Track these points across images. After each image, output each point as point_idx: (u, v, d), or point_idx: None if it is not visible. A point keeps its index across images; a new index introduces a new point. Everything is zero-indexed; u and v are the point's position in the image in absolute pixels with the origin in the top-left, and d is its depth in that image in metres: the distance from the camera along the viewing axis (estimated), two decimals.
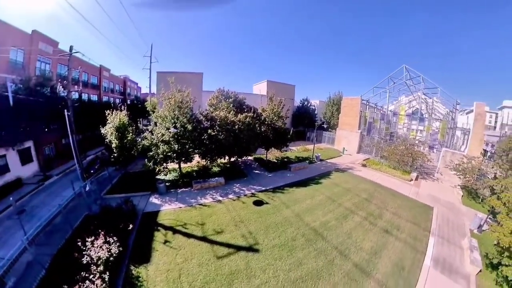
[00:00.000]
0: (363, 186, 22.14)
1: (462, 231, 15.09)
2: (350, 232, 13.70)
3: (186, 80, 24.22)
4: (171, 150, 17.44)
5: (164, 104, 18.35)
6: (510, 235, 9.70)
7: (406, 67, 34.32)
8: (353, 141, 38.87)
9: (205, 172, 21.70)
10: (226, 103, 22.00)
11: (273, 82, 44.77)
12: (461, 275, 11.00)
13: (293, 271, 10.23)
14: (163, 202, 16.01)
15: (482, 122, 30.51)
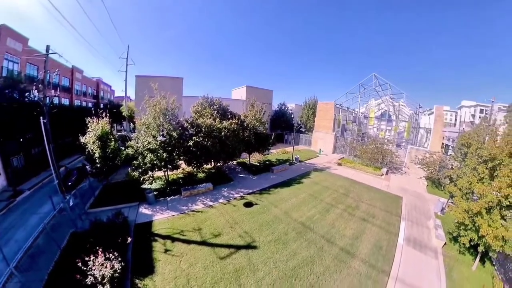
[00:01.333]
0: (340, 183, 24.41)
1: (428, 214, 17.77)
2: (333, 223, 15.50)
3: (166, 85, 24.37)
4: (158, 158, 17.35)
5: (149, 111, 18.17)
6: (463, 212, 11.88)
7: (376, 75, 38.41)
8: (328, 142, 41.65)
9: (191, 178, 21.95)
10: (210, 110, 22.42)
11: (252, 88, 46.13)
12: (429, 248, 13.37)
13: (290, 260, 11.49)
14: (154, 212, 15.88)
15: (441, 122, 35.18)
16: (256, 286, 9.68)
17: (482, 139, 16.46)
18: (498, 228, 10.23)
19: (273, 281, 10.01)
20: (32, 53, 21.66)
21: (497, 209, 10.78)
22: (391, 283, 10.48)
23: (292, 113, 57.92)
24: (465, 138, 19.44)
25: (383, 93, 40.99)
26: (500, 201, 10.62)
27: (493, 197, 10.79)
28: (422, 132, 42.88)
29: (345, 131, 44.36)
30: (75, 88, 39.07)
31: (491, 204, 10.83)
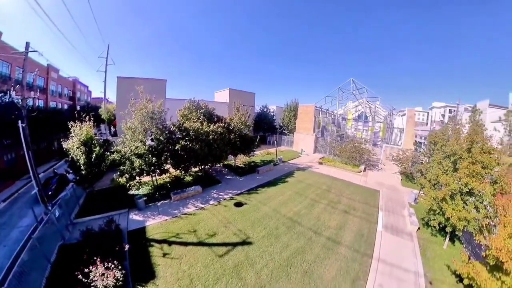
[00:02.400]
0: (322, 180, 26.21)
1: (403, 204, 19.99)
2: (318, 216, 17.00)
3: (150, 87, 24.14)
4: (146, 163, 17.35)
5: (135, 115, 17.98)
6: (432, 200, 13.93)
7: (353, 80, 41.46)
8: (309, 142, 43.81)
9: (178, 182, 22.13)
10: (196, 113, 22.76)
11: (235, 90, 46.98)
12: (405, 233, 15.40)
13: (284, 252, 12.58)
14: (145, 218, 15.83)
15: (412, 122, 38.74)
16: (256, 277, 10.58)
17: (447, 137, 18.55)
18: (460, 210, 12.19)
19: (271, 271, 10.99)
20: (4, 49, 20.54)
21: (459, 196, 12.81)
22: (374, 263, 12.07)
23: (274, 115, 59.64)
24: (432, 137, 21.72)
25: (360, 96, 44.31)
26: (461, 189, 12.69)
27: (455, 185, 12.80)
28: (396, 132, 46.79)
29: (325, 132, 46.93)
30: (50, 88, 36.71)
31: (453, 191, 12.85)
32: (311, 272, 11.12)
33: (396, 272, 11.51)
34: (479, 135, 13.80)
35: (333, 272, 11.19)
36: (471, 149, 13.28)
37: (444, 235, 14.52)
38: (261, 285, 10.10)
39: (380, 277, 11.13)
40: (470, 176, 12.35)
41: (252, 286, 10.02)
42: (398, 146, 36.33)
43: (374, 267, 11.76)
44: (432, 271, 11.78)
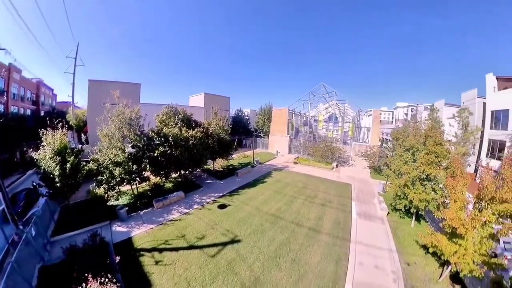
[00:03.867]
0: (298, 178, 27.84)
1: (373, 194, 22.26)
2: (298, 210, 18.33)
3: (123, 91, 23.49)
4: (126, 171, 16.97)
5: (112, 121, 17.46)
6: (396, 187, 16.05)
7: (323, 84, 44.58)
8: (284, 144, 45.61)
9: (158, 190, 21.86)
10: (174, 119, 22.61)
11: (210, 95, 47.17)
12: (377, 218, 17.43)
13: (271, 245, 13.48)
14: (130, 228, 15.42)
15: (378, 122, 43.18)
16: (250, 271, 11.30)
17: (407, 133, 20.99)
18: (420, 193, 14.39)
19: (262, 264, 11.80)
20: None
21: (418, 181, 15.05)
22: (353, 245, 13.64)
23: (248, 119, 60.77)
24: (395, 134, 24.32)
25: (330, 99, 47.58)
26: (420, 175, 14.95)
27: (415, 173, 15.03)
28: (364, 130, 51.05)
29: (298, 134, 49.56)
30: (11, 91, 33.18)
31: (413, 178, 15.10)
32: (299, 259, 12.18)
33: (373, 251, 13.16)
34: (432, 130, 16.14)
35: (318, 257, 12.41)
36: (426, 142, 15.58)
37: (410, 216, 16.77)
38: (256, 277, 10.85)
39: (359, 256, 12.65)
40: (426, 165, 14.63)
41: (248, 279, 10.73)
42: (366, 143, 40.12)
43: (353, 249, 13.28)
44: (403, 247, 13.68)
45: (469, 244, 9.28)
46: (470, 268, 8.88)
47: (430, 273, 11.66)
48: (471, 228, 9.20)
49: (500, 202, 8.62)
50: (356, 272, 11.41)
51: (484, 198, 9.28)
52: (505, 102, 24.14)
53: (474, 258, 8.97)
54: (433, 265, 12.16)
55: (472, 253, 9.10)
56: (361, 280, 10.90)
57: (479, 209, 9.50)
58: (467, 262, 8.99)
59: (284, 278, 10.79)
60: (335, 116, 52.37)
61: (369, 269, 11.72)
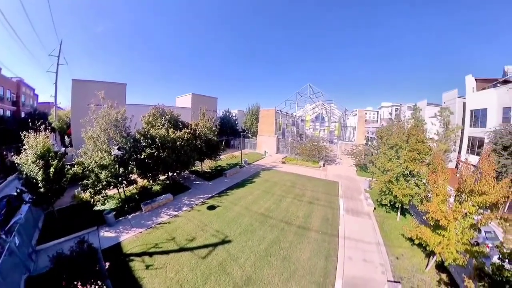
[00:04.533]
0: (286, 177, 28.15)
1: (359, 191, 22.83)
2: (287, 209, 18.57)
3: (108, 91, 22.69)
4: (113, 174, 16.48)
5: (97, 122, 16.87)
6: (381, 183, 16.60)
7: (310, 85, 45.45)
8: (272, 144, 45.91)
9: (146, 192, 21.42)
10: (161, 120, 22.17)
11: (198, 95, 46.44)
12: (363, 213, 17.97)
13: (262, 244, 13.55)
14: (118, 233, 15.00)
15: (363, 121, 44.85)
16: (242, 270, 11.31)
17: (391, 132, 21.67)
18: (404, 189, 14.99)
19: (253, 263, 11.84)
20: None
21: (402, 177, 15.65)
22: (341, 241, 13.97)
23: (236, 119, 60.68)
24: (379, 132, 25.05)
25: (317, 99, 48.65)
26: (403, 172, 15.59)
27: (398, 169, 15.63)
28: (350, 130, 52.29)
29: (285, 133, 50.08)
30: None
31: (397, 174, 15.69)
32: (289, 257, 12.31)
33: (361, 246, 13.53)
34: (415, 129, 16.83)
35: (308, 254, 12.60)
36: (409, 140, 16.19)
37: (395, 210, 17.45)
38: (248, 276, 10.87)
39: (348, 251, 12.97)
40: (409, 161, 15.30)
41: (240, 279, 10.73)
42: (352, 142, 41.16)
43: (342, 244, 13.60)
44: (390, 240, 14.22)
45: (452, 235, 9.75)
46: (454, 257, 9.39)
47: (417, 263, 12.18)
48: (453, 219, 9.67)
49: (479, 194, 9.16)
50: (345, 266, 11.69)
51: (464, 191, 9.78)
52: (483, 102, 25.58)
53: (457, 247, 9.48)
54: (419, 256, 12.71)
55: (455, 243, 9.57)
56: (351, 274, 11.17)
57: (460, 202, 10.01)
58: (451, 251, 9.48)
59: (276, 276, 10.88)
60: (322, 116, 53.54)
61: (358, 263, 12.03)
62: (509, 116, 21.78)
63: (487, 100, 25.05)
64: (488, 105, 24.85)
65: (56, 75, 32.76)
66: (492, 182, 9.01)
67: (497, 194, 8.71)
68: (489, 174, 9.14)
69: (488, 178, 9.09)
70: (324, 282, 10.65)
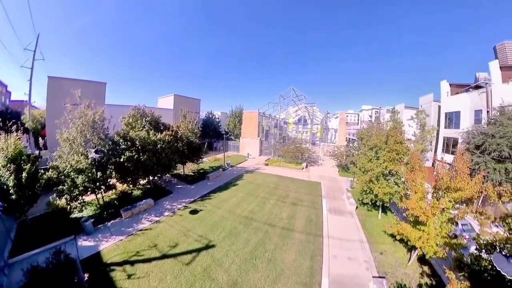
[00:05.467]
0: (270, 179, 28.23)
1: (341, 191, 23.41)
2: (271, 211, 18.55)
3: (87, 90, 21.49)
4: (90, 179, 15.61)
5: (73, 123, 15.92)
6: (362, 183, 17.11)
7: (293, 88, 46.44)
8: (255, 146, 46.04)
9: (126, 198, 20.45)
10: (141, 121, 21.45)
11: (180, 96, 45.58)
12: (346, 212, 18.42)
13: (246, 247, 13.39)
14: (97, 242, 14.18)
15: (344, 124, 46.20)
16: (227, 275, 11.07)
17: (370, 134, 22.44)
18: (384, 187, 15.53)
19: (239, 267, 11.64)
20: None
21: (382, 177, 16.18)
22: (326, 240, 14.17)
23: (219, 121, 60.24)
24: (360, 134, 25.87)
25: (300, 102, 49.64)
26: (383, 171, 16.12)
27: (378, 169, 16.15)
28: (332, 132, 53.72)
29: (268, 136, 50.55)
30: None
31: (378, 174, 16.21)
32: (274, 259, 12.25)
33: (345, 244, 13.79)
34: (393, 131, 17.52)
35: (293, 255, 12.61)
36: (388, 141, 16.78)
37: (377, 208, 17.99)
38: (233, 281, 10.67)
39: (333, 250, 13.16)
40: (388, 161, 15.91)
41: (226, 284, 10.50)
42: (333, 144, 42.30)
43: (326, 243, 13.78)
44: (373, 238, 14.68)
45: (431, 229, 10.22)
46: (434, 250, 9.91)
47: (400, 258, 12.66)
48: (431, 215, 10.14)
49: (455, 191, 9.68)
50: (331, 265, 11.83)
51: (441, 188, 10.32)
52: (457, 105, 27.81)
53: (437, 241, 9.99)
54: (401, 251, 13.22)
55: (435, 237, 10.07)
56: (336, 272, 11.32)
57: (437, 198, 10.51)
58: (431, 245, 9.98)
59: (262, 279, 10.76)
60: (304, 119, 54.44)
61: (343, 261, 12.24)
62: (480, 118, 23.60)
63: (461, 104, 27.18)
64: (461, 108, 26.94)
65: (32, 71, 30.24)
66: (467, 179, 9.59)
67: (472, 190, 9.26)
68: (463, 172, 9.72)
69: (463, 175, 9.65)
70: (311, 282, 10.69)
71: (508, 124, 17.85)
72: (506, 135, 17.40)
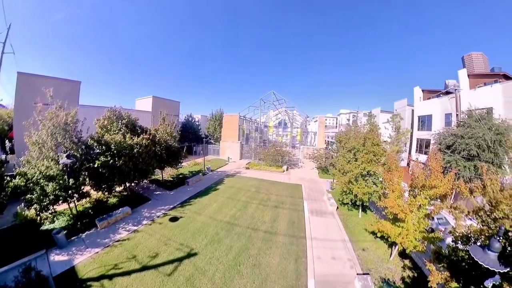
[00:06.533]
0: (251, 183, 28.09)
1: (322, 192, 23.94)
2: (253, 215, 18.41)
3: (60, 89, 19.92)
4: (61, 187, 14.43)
5: (43, 125, 14.69)
6: (342, 184, 17.67)
7: (274, 92, 47.07)
8: (235, 150, 45.77)
9: (101, 206, 19.26)
10: (117, 124, 20.33)
11: (159, 98, 44.22)
12: (328, 213, 18.77)
13: (230, 253, 13.12)
14: (72, 255, 13.08)
15: (323, 127, 47.52)
16: (211, 283, 10.74)
17: (348, 136, 23.22)
18: (363, 188, 16.14)
19: (223, 274, 11.35)
20: None
21: (361, 177, 16.82)
22: (309, 242, 14.28)
23: (199, 125, 59.37)
24: (338, 137, 26.75)
25: (280, 106, 50.35)
26: (362, 172, 16.70)
27: (357, 170, 16.72)
28: (311, 135, 55.18)
29: (249, 139, 50.55)
30: None
31: (356, 175, 16.82)
32: (259, 263, 12.11)
33: (328, 244, 14.02)
34: (370, 133, 18.38)
35: (277, 258, 12.55)
36: (365, 144, 17.48)
37: (357, 208, 18.63)
38: None
39: (316, 251, 13.31)
40: (366, 162, 16.54)
41: None
42: (313, 146, 43.55)
43: (309, 245, 13.90)
44: (354, 236, 15.12)
45: (410, 225, 10.79)
46: (413, 245, 10.52)
47: (382, 254, 13.17)
48: (409, 212, 10.72)
49: (430, 188, 10.32)
50: (315, 266, 11.95)
51: (416, 186, 10.91)
52: (429, 109, 30.68)
53: (416, 236, 10.60)
54: (383, 248, 13.78)
55: (413, 232, 10.66)
56: (322, 272, 11.47)
57: (414, 196, 11.11)
58: (410, 240, 10.58)
59: (248, 285, 10.58)
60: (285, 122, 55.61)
61: (327, 261, 12.44)
62: (450, 121, 26.12)
63: (432, 108, 29.93)
64: (433, 112, 29.65)
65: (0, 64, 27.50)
66: (440, 176, 10.24)
67: (445, 187, 9.91)
68: (437, 170, 10.38)
69: (437, 174, 10.30)
70: (297, 284, 10.69)
71: (476, 126, 19.70)
72: (474, 135, 19.16)
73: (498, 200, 6.42)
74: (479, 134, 18.94)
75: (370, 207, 19.48)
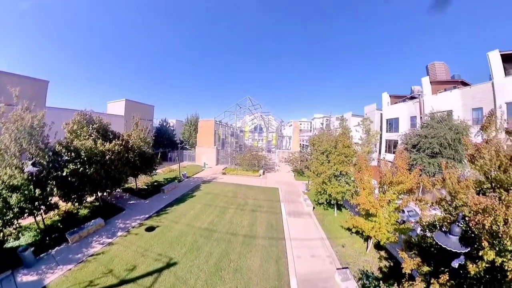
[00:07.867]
0: (227, 188, 27.99)
1: (298, 194, 24.58)
2: (231, 220, 18.35)
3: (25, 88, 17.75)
4: (27, 198, 13.10)
5: (6, 129, 13.33)
6: (317, 185, 18.52)
7: (250, 98, 47.80)
8: (211, 155, 45.23)
9: (72, 219, 17.84)
10: (88, 129, 19.06)
11: (132, 102, 42.57)
12: (304, 214, 19.40)
13: (210, 260, 12.93)
14: (41, 275, 11.86)
15: (297, 131, 49.56)
16: None
17: (322, 140, 24.15)
18: (337, 187, 16.96)
19: (205, 281, 11.13)
20: None
21: (334, 177, 17.70)
22: (288, 243, 14.63)
23: (174, 130, 57.84)
24: (311, 140, 27.68)
25: (256, 111, 51.31)
26: (334, 173, 17.61)
27: (330, 171, 17.54)
28: (286, 139, 56.50)
29: (225, 144, 50.18)
30: None
31: (329, 176, 17.64)
32: (240, 268, 12.08)
33: (307, 243, 14.44)
34: (342, 136, 19.29)
35: (258, 261, 12.63)
36: (337, 146, 18.38)
37: (332, 207, 19.43)
38: None
39: (296, 250, 13.64)
40: (338, 164, 17.44)
41: None
42: (288, 150, 44.53)
43: (289, 246, 14.21)
44: (331, 233, 15.77)
45: (381, 219, 11.60)
46: (386, 237, 11.36)
47: (358, 248, 13.93)
48: (379, 207, 11.51)
49: (397, 184, 11.21)
50: (296, 265, 12.24)
51: (385, 183, 11.81)
52: (396, 113, 33.73)
53: (388, 228, 11.45)
54: (359, 242, 14.55)
55: (385, 225, 11.49)
56: (303, 271, 11.79)
57: (383, 192, 11.99)
58: (383, 233, 11.40)
59: None
60: (260, 127, 56.21)
61: (307, 260, 12.81)
62: (415, 123, 29.11)
63: (399, 111, 32.96)
64: (400, 115, 32.64)
65: None
66: (406, 173, 11.16)
67: (411, 182, 10.85)
68: (403, 167, 11.33)
69: (403, 171, 11.22)
70: (280, 285, 10.84)
71: (438, 127, 22.05)
72: (436, 135, 21.49)
73: (457, 191, 7.16)
74: (441, 133, 21.23)
75: (344, 205, 20.34)
